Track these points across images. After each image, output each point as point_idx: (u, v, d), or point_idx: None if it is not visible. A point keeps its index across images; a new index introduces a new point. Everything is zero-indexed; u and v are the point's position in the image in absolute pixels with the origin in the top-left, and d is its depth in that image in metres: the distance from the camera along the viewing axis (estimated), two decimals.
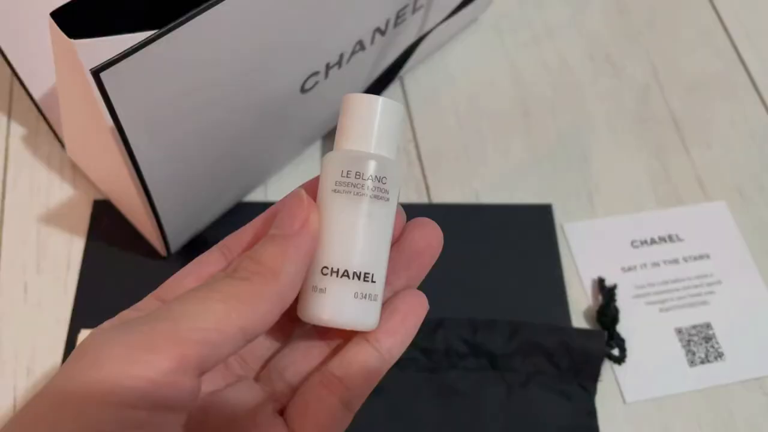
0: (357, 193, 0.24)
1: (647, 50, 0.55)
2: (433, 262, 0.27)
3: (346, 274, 0.24)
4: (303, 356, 0.26)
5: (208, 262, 0.26)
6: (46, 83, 0.41)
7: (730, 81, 0.53)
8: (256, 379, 0.26)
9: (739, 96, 0.53)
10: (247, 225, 0.27)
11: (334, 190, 0.25)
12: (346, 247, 0.24)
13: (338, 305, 0.24)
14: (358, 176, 0.25)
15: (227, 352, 0.22)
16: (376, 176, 0.25)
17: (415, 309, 0.26)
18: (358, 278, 0.24)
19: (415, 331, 0.26)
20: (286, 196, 0.25)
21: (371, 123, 0.25)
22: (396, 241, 0.27)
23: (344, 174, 0.25)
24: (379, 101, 0.25)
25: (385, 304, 0.26)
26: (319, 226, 0.24)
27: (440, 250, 0.27)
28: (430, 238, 0.27)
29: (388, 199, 0.25)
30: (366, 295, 0.25)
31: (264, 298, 0.22)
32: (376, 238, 0.25)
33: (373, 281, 0.25)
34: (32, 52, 0.39)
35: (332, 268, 0.24)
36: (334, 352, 0.26)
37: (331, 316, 0.24)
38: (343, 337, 0.26)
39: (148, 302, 0.25)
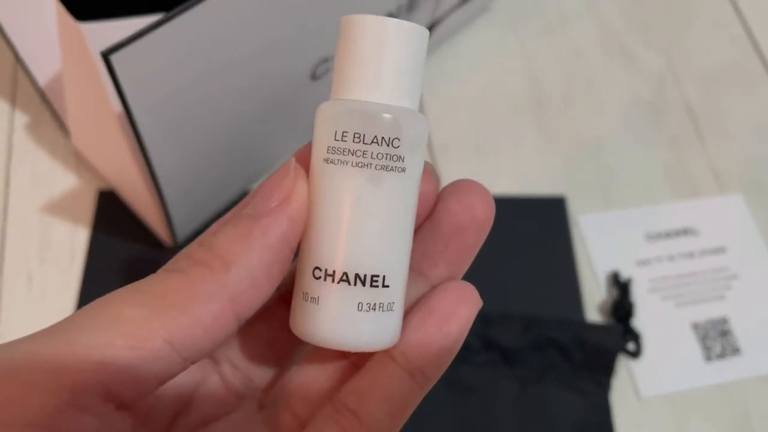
0: (358, 164, 0.17)
1: (662, 40, 0.54)
2: (481, 239, 0.20)
3: (345, 278, 0.18)
4: (314, 378, 0.20)
5: None
6: (51, 70, 0.40)
7: (746, 71, 0.52)
8: (262, 405, 0.20)
9: (756, 87, 0.52)
10: (231, 211, 0.20)
11: (326, 160, 0.18)
12: (344, 241, 0.18)
13: (337, 321, 0.18)
14: (358, 139, 0.17)
15: (154, 374, 0.16)
16: (384, 138, 0.17)
17: (459, 307, 0.18)
18: (363, 283, 0.18)
19: (462, 337, 0.18)
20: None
21: (379, 58, 0.18)
22: (428, 215, 0.19)
23: (339, 136, 0.18)
24: (390, 24, 0.18)
25: (418, 303, 0.19)
26: (304, 204, 0.17)
27: (491, 222, 0.19)
28: (473, 206, 0.19)
29: (403, 169, 0.18)
30: (376, 305, 0.18)
31: (201, 298, 0.16)
32: (387, 225, 0.18)
33: (385, 285, 0.18)
34: (37, 38, 0.38)
35: (326, 270, 0.18)
36: (353, 370, 0.20)
37: (328, 335, 0.18)
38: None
39: None
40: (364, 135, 0.17)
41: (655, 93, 0.51)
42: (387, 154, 0.18)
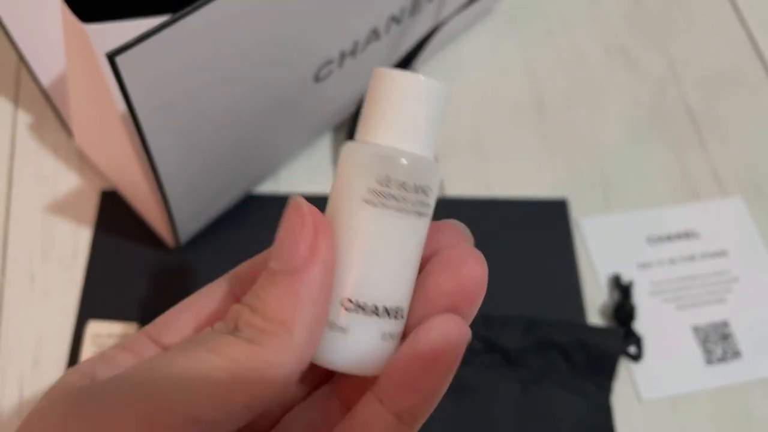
0: (399, 209, 0.19)
1: (664, 43, 0.54)
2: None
3: (375, 311, 0.19)
4: (310, 419, 0.21)
5: (213, 296, 0.21)
6: (55, 70, 0.41)
7: (747, 74, 0.53)
8: None
9: (757, 90, 0.52)
10: (263, 253, 0.21)
11: (367, 201, 0.19)
12: (380, 277, 0.19)
13: (364, 349, 0.19)
14: (402, 187, 0.19)
15: (228, 429, 0.17)
16: (421, 187, 0.19)
17: (446, 345, 0.18)
18: (388, 315, 0.19)
19: (450, 375, 0.19)
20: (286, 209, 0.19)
21: (421, 113, 0.19)
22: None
23: (383, 182, 0.19)
24: (435, 86, 0.19)
25: (406, 341, 0.19)
26: (333, 246, 0.18)
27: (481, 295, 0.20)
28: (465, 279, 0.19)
29: (428, 215, 0.20)
30: (394, 334, 0.19)
31: (278, 366, 0.17)
32: (411, 264, 0.19)
33: (402, 316, 0.20)
34: (41, 38, 0.39)
35: (359, 302, 0.19)
36: (343, 410, 0.21)
37: (355, 362, 0.19)
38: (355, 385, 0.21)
39: (138, 340, 0.21)
40: (407, 183, 0.19)
41: (656, 96, 0.51)
42: (421, 202, 0.19)
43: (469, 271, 0.19)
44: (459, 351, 0.18)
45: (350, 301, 0.19)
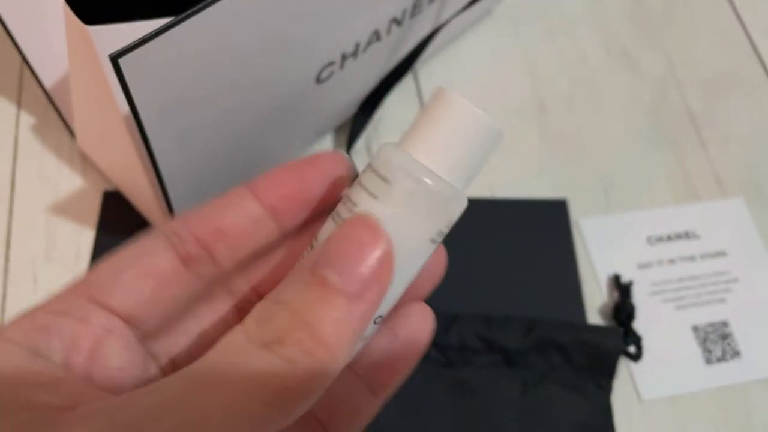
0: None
1: (664, 44, 0.54)
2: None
3: (382, 319, 0.21)
4: None
5: (154, 252, 0.20)
6: (58, 71, 0.41)
7: (747, 76, 0.53)
8: None
9: (757, 91, 0.52)
10: (204, 208, 0.21)
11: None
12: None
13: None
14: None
15: None
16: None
17: (421, 332, 0.22)
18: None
19: (419, 358, 0.22)
20: (348, 221, 0.18)
21: (485, 158, 0.20)
22: None
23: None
24: (497, 131, 0.20)
25: (386, 324, 0.21)
26: (391, 279, 0.18)
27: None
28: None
29: None
30: None
31: (315, 390, 0.17)
32: None
33: None
34: (44, 40, 0.39)
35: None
36: None
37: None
38: None
39: (75, 303, 0.19)
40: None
41: (656, 97, 0.51)
42: None
43: (434, 255, 0.21)
44: (429, 336, 0.22)
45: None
